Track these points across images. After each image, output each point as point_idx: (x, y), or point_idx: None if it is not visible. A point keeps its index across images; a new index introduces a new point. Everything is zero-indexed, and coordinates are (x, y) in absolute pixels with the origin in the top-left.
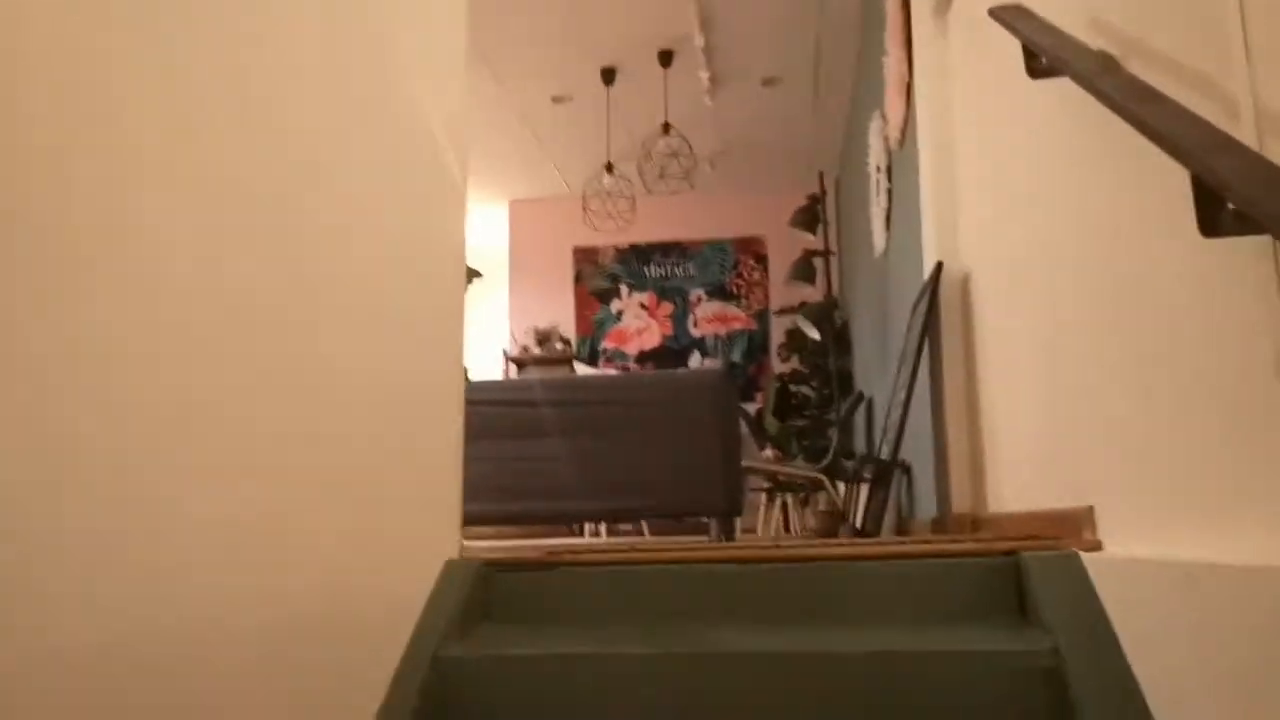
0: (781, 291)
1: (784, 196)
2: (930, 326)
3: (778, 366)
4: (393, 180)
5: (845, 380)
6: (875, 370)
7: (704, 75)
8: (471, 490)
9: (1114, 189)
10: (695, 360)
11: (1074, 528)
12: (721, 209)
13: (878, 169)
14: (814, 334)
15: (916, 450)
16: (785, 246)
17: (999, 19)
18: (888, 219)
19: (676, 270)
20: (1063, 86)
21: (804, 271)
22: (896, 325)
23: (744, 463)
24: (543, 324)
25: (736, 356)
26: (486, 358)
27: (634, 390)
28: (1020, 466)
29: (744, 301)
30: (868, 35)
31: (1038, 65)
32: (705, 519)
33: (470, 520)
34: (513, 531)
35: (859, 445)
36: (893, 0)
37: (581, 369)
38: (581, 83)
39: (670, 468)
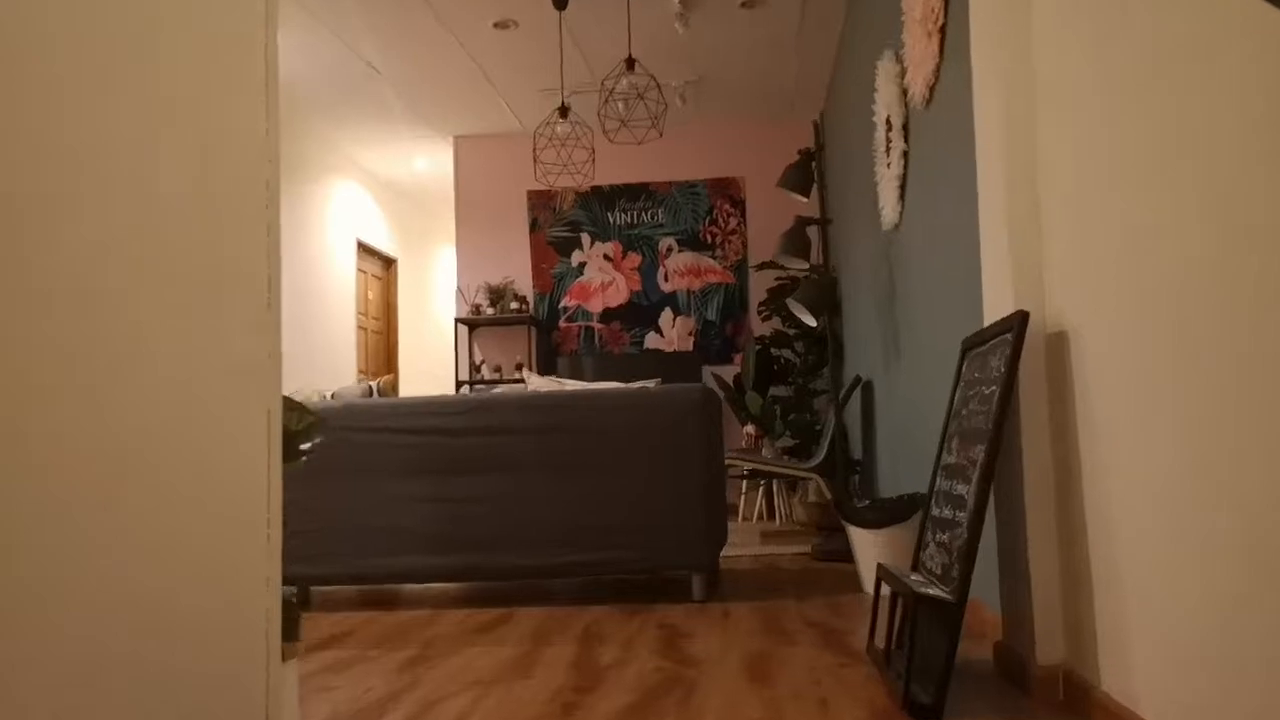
0: (763, 240)
1: (765, 133)
2: (1003, 401)
3: (758, 327)
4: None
5: (837, 346)
6: (876, 354)
7: None
8: (395, 542)
9: None
10: (666, 318)
11: None
12: (694, 147)
13: (888, 124)
14: (809, 320)
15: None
16: (766, 189)
17: None
18: (902, 188)
19: (644, 216)
20: None
21: (796, 244)
22: (912, 321)
23: (727, 458)
24: (495, 279)
25: (711, 314)
26: (434, 320)
27: (597, 412)
28: (1172, 634)
29: (719, 252)
30: None
31: None
32: (684, 572)
33: (398, 576)
34: (453, 594)
35: (854, 434)
36: None
37: (534, 382)
38: (528, 6)
39: (641, 510)
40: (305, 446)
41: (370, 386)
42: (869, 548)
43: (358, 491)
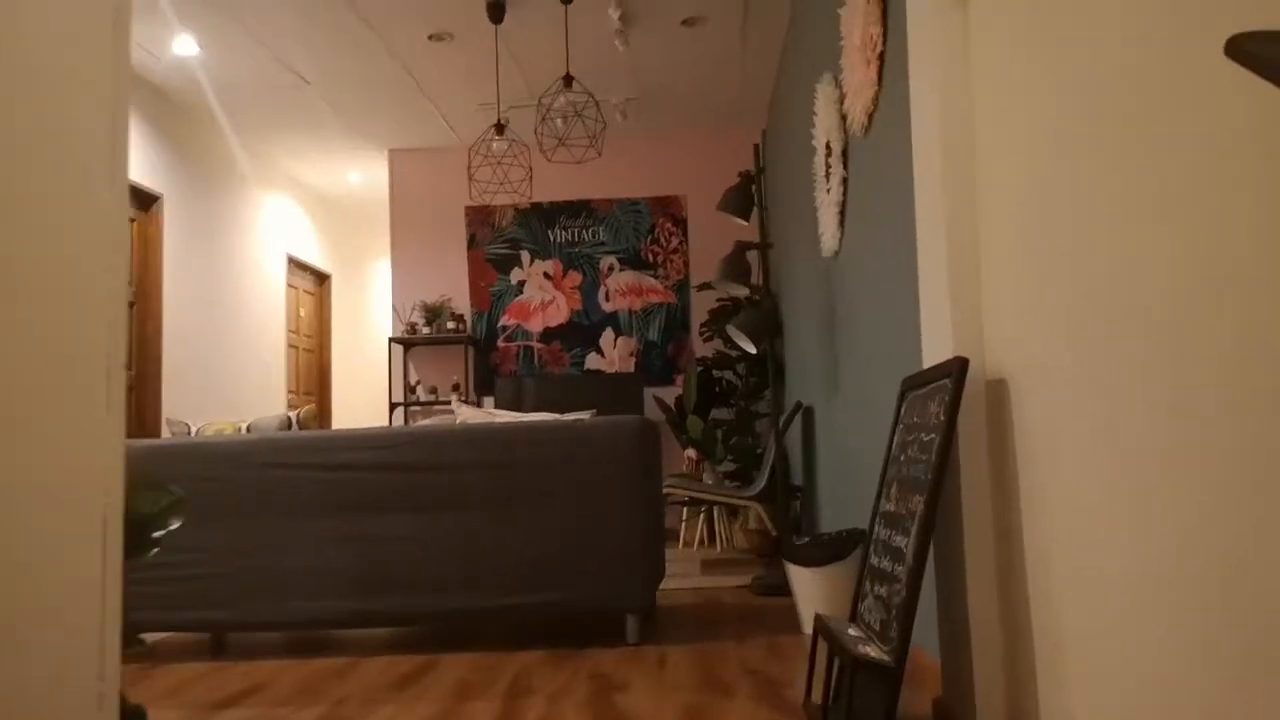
0: (705, 259)
1: (707, 148)
2: (943, 452)
3: (699, 348)
4: None
5: (778, 369)
6: (817, 381)
7: (614, 13)
8: (315, 584)
9: None
10: (608, 338)
11: None
12: (635, 164)
13: (828, 148)
14: (750, 347)
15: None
16: (708, 207)
17: (1241, 58)
18: (841, 215)
19: (585, 234)
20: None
21: (736, 268)
22: (852, 352)
23: (666, 486)
24: (431, 297)
25: (653, 334)
26: (369, 338)
27: (529, 447)
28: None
29: (661, 271)
30: None
31: None
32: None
33: (319, 622)
34: (377, 639)
35: (795, 459)
36: None
37: (463, 413)
38: (463, 19)
39: (575, 550)
40: (161, 532)
41: (289, 418)
42: (808, 585)
43: (275, 531)
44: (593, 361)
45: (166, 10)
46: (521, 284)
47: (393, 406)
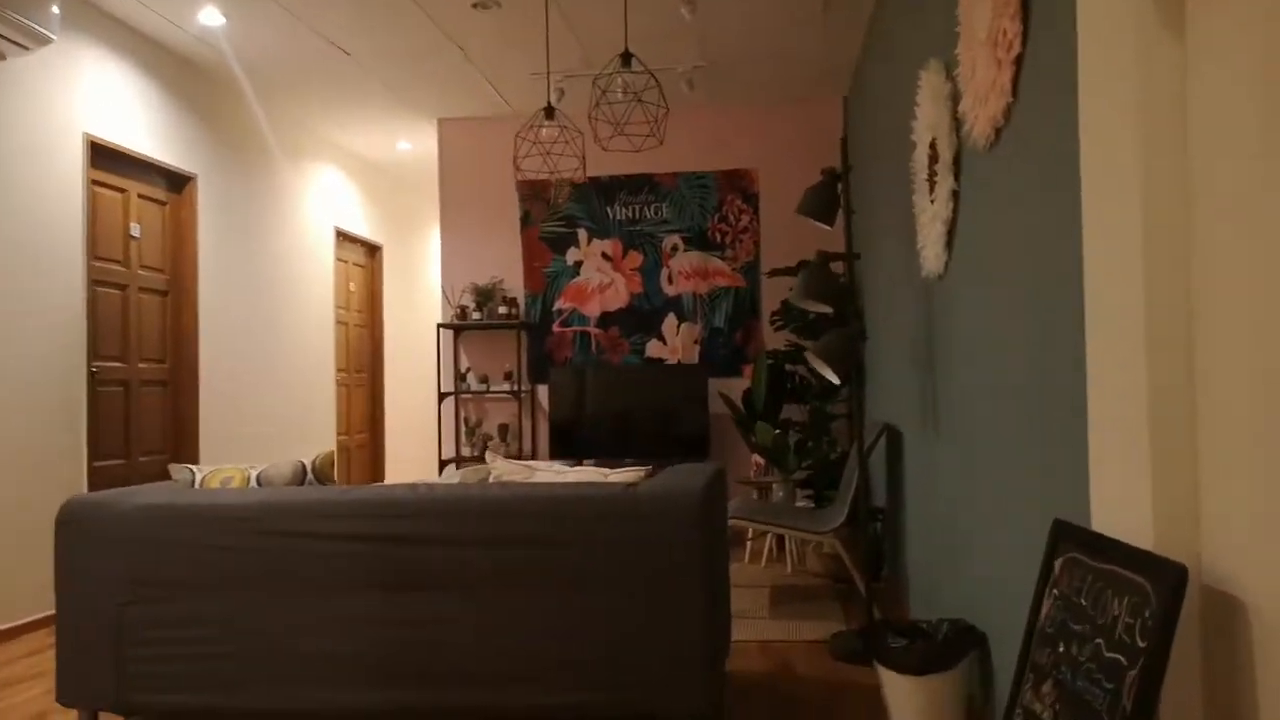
0: (778, 239)
1: (782, 118)
2: (1142, 696)
3: (770, 338)
4: None
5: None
6: (910, 408)
7: None
8: (323, 671)
9: None
10: (670, 324)
11: None
12: (703, 134)
13: (932, 150)
14: (832, 378)
15: None
16: (781, 182)
17: None
18: (949, 234)
19: (647, 211)
20: None
21: (819, 282)
22: (960, 395)
23: (732, 516)
24: (482, 279)
25: (719, 320)
26: (422, 311)
27: (572, 522)
28: None
29: (729, 252)
30: None
31: None
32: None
33: (324, 714)
34: None
35: (877, 475)
36: None
37: (499, 467)
38: None
39: (625, 644)
40: None
41: (303, 466)
42: (905, 696)
43: (276, 607)
44: (653, 349)
45: None
46: (578, 265)
47: (441, 396)
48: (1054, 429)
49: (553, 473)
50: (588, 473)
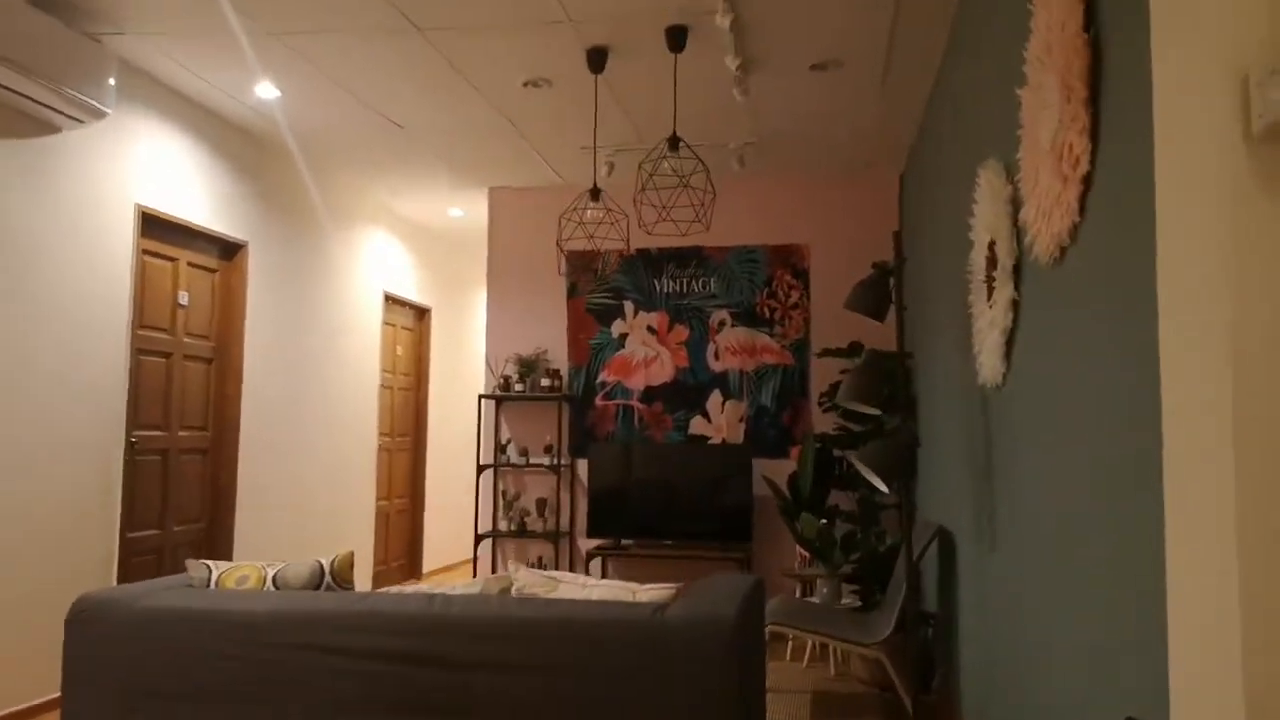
0: (829, 316)
1: (834, 193)
2: None
3: (818, 419)
4: None
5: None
6: (964, 515)
7: (731, 62)
8: None
9: None
10: (715, 401)
11: None
12: (753, 207)
13: (990, 252)
14: (882, 486)
15: None
16: (833, 258)
17: None
18: (1008, 344)
19: (695, 285)
20: None
21: (868, 384)
22: (1022, 511)
23: (771, 624)
24: (527, 349)
25: (766, 399)
26: (467, 377)
27: (594, 647)
28: None
29: (778, 329)
30: (965, 25)
31: None
32: None
33: None
34: None
35: (928, 576)
36: (1053, 12)
37: (521, 577)
38: (561, 65)
39: None
40: None
41: (321, 566)
42: None
43: None
44: (697, 426)
45: (248, 55)
46: (623, 337)
47: (480, 469)
48: (1126, 609)
49: (578, 586)
50: (615, 588)
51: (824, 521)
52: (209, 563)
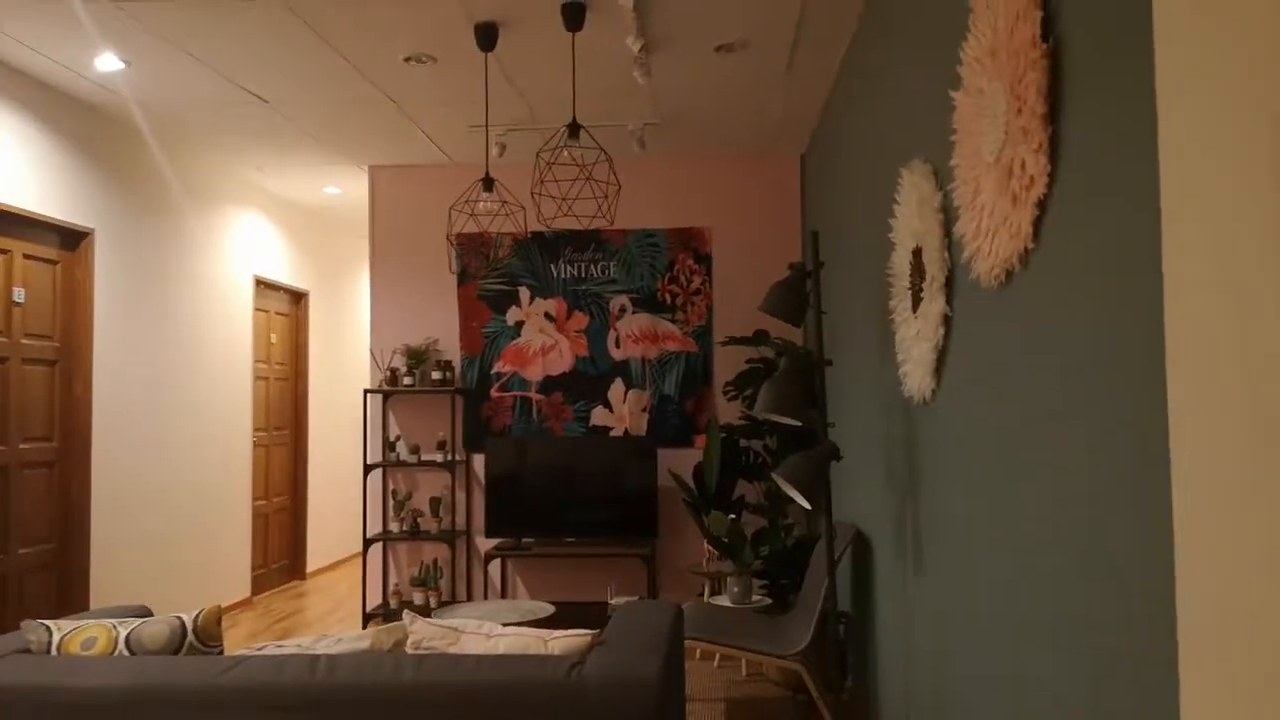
0: (732, 301)
1: (737, 174)
2: None
3: (723, 409)
4: None
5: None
6: (881, 525)
7: (633, 43)
8: None
9: None
10: (617, 391)
11: None
12: (653, 190)
13: (915, 259)
14: (804, 503)
15: None
16: (736, 241)
17: None
18: (939, 360)
19: (594, 270)
20: None
21: (788, 395)
22: (957, 542)
23: (689, 638)
24: (415, 339)
25: (669, 388)
26: (350, 364)
27: (502, 708)
28: None
29: (680, 315)
30: (882, 9)
31: None
32: None
33: None
34: None
35: (843, 575)
36: (998, 15)
37: (418, 630)
38: (446, 41)
39: None
40: None
41: (182, 624)
42: None
43: None
44: (599, 416)
45: (83, 22)
46: (519, 325)
47: (367, 469)
48: (1076, 651)
49: (482, 637)
50: (524, 637)
51: (733, 517)
52: (48, 623)
